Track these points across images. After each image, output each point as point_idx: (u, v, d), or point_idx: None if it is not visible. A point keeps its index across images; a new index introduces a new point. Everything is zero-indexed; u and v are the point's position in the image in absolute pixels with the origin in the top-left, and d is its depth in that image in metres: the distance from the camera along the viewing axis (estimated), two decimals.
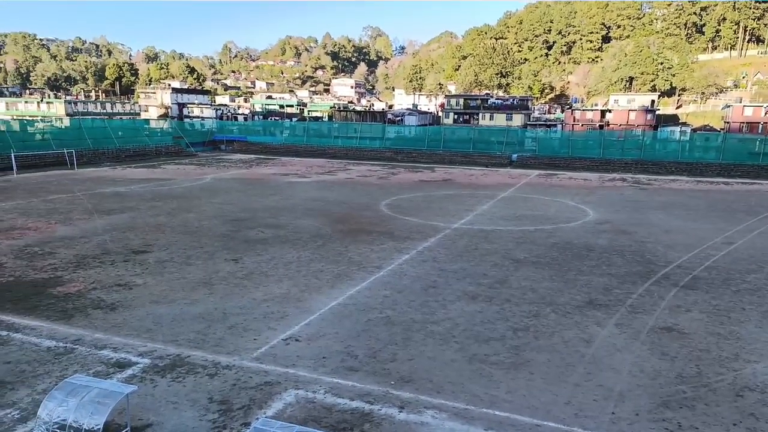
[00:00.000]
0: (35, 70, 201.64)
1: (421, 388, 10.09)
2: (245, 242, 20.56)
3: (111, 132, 55.01)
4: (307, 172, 45.04)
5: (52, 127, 56.55)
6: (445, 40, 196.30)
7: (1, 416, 8.88)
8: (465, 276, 17.02)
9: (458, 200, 31.85)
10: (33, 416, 8.47)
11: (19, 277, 15.95)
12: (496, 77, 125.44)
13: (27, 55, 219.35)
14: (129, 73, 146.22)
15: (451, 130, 68.42)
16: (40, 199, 28.79)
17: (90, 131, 52.94)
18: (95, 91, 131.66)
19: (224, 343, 11.81)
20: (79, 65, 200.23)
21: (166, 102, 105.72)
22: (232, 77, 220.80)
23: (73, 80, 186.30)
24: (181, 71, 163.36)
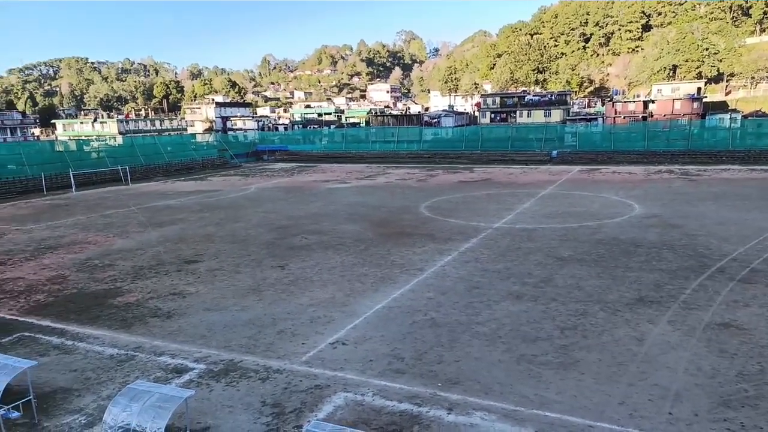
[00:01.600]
0: (88, 92, 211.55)
1: (468, 390, 10.00)
2: (290, 249, 20.91)
3: (160, 148, 57.06)
4: (346, 177, 45.44)
5: (107, 146, 59.12)
6: (478, 40, 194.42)
7: (69, 422, 9.34)
8: (509, 276, 16.78)
9: (498, 199, 31.44)
10: (99, 421, 8.86)
11: (82, 288, 16.73)
12: (532, 73, 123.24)
13: (80, 78, 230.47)
14: (175, 91, 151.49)
15: (488, 130, 67.68)
16: (98, 214, 30.13)
17: (141, 148, 55.08)
18: (145, 109, 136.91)
19: (274, 348, 12.04)
20: (129, 85, 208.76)
21: (210, 116, 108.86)
22: (271, 89, 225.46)
23: (124, 100, 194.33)
24: (224, 86, 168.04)
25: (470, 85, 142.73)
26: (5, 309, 15.02)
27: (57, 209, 32.58)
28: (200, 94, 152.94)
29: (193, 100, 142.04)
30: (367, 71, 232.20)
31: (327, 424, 7.83)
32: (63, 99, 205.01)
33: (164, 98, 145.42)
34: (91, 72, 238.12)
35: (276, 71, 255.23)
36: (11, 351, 11.73)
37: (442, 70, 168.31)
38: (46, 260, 20.23)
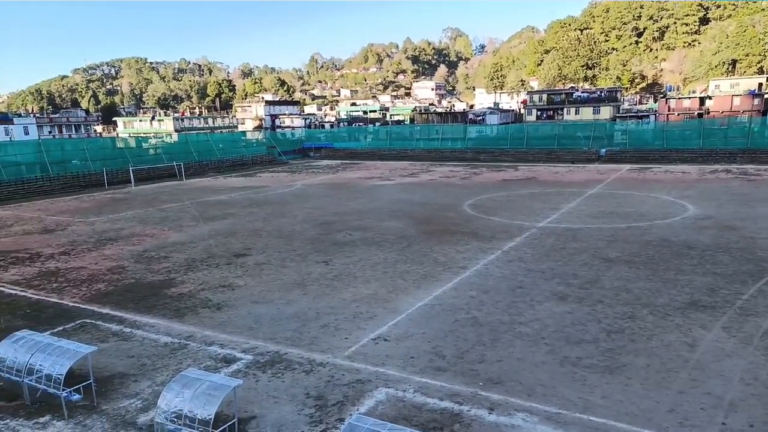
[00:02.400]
0: (147, 91, 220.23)
1: (510, 390, 9.85)
2: (334, 245, 21.15)
3: (213, 145, 58.79)
4: (390, 175, 45.51)
5: (163, 143, 61.41)
6: (526, 36, 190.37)
7: (126, 405, 9.78)
8: (553, 276, 16.40)
9: (543, 198, 30.75)
10: (153, 406, 9.24)
11: (139, 279, 17.47)
12: (581, 70, 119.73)
13: (140, 77, 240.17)
14: (227, 89, 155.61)
15: (534, 127, 66.24)
16: (155, 208, 31.36)
17: (195, 145, 56.91)
18: (199, 107, 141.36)
19: (318, 342, 12.22)
20: (185, 84, 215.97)
21: (260, 114, 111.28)
22: (318, 87, 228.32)
23: (180, 98, 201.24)
24: (273, 84, 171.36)
25: (516, 82, 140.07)
26: (69, 296, 15.87)
27: (117, 203, 34.11)
28: (251, 92, 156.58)
29: (244, 98, 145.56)
30: (413, 69, 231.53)
31: (369, 419, 7.88)
32: (123, 97, 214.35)
33: (217, 97, 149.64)
34: (150, 72, 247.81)
35: (323, 70, 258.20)
36: (74, 336, 12.38)
37: (487, 66, 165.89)
38: (106, 251, 21.22)
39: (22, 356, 9.96)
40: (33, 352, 9.95)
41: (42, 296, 15.95)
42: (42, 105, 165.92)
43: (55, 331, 12.89)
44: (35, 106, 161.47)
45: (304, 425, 8.98)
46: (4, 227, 26.90)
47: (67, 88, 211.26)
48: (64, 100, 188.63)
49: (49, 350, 9.97)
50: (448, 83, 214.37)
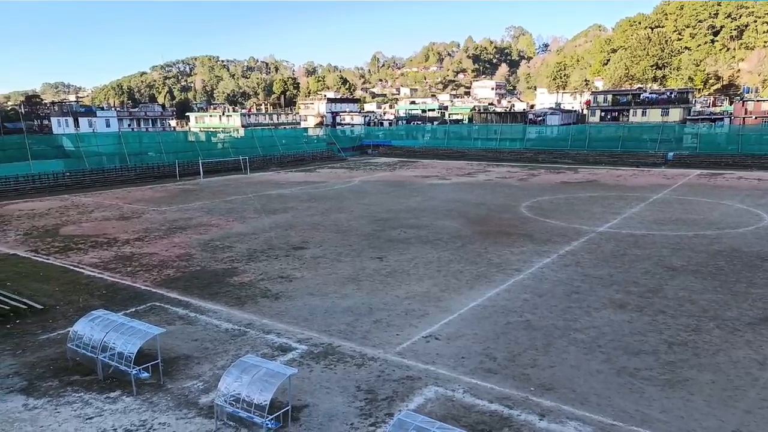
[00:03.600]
0: (218, 88, 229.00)
1: (563, 397, 9.55)
2: (389, 241, 21.22)
3: (276, 140, 60.40)
4: (447, 174, 45.14)
5: (231, 138, 63.72)
6: (593, 34, 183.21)
7: (189, 386, 10.24)
8: (612, 283, 15.75)
9: (604, 202, 29.56)
10: (214, 388, 9.62)
11: (205, 266, 18.23)
12: (650, 69, 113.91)
13: (211, 75, 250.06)
14: (292, 87, 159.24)
15: (597, 129, 63.70)
16: (221, 200, 32.61)
17: (260, 140, 58.68)
18: (264, 104, 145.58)
19: (370, 336, 12.31)
20: (252, 82, 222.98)
21: (321, 111, 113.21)
22: (379, 85, 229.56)
23: (247, 95, 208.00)
24: (335, 82, 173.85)
25: (580, 81, 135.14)
26: (141, 280, 16.79)
27: (187, 194, 35.73)
28: (314, 90, 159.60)
29: (308, 95, 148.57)
30: (473, 68, 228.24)
31: (418, 416, 7.87)
32: (196, 94, 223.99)
33: (282, 94, 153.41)
34: (221, 69, 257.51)
35: (384, 68, 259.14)
36: (144, 318, 13.09)
37: (550, 66, 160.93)
38: (176, 239, 22.28)
39: (97, 334, 10.63)
40: (107, 330, 10.60)
41: (117, 279, 16.95)
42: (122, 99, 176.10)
43: (128, 311, 13.67)
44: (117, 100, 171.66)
45: (354, 417, 9.08)
46: (86, 213, 28.79)
47: (146, 84, 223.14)
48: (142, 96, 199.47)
49: (122, 330, 10.59)
50: (509, 83, 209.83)
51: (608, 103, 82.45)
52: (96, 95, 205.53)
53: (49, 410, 9.42)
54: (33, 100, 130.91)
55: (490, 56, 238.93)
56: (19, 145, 41.62)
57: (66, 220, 26.68)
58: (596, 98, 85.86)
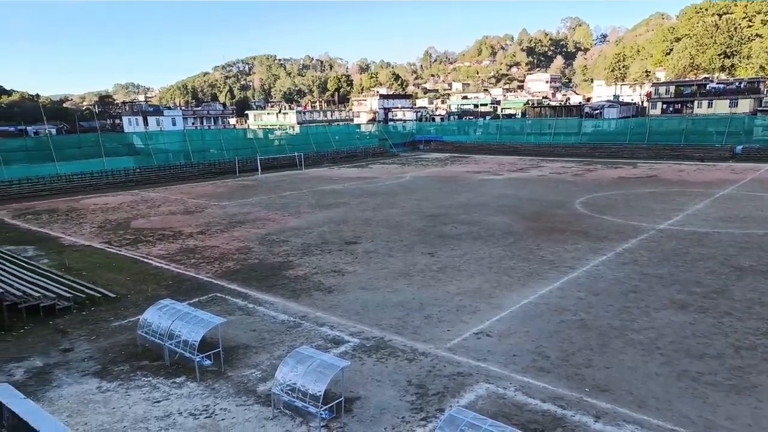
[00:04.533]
0: (275, 86, 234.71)
1: (619, 400, 9.21)
2: (440, 237, 21.09)
3: (330, 137, 61.29)
4: (498, 169, 44.31)
5: (287, 134, 65.15)
6: (654, 23, 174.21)
7: (248, 374, 10.60)
8: (672, 282, 15.00)
9: (665, 198, 28.14)
10: (270, 377, 9.92)
11: (262, 260, 18.78)
12: (717, 59, 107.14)
13: (269, 73, 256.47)
14: (345, 84, 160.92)
15: (658, 122, 60.62)
16: (277, 195, 33.46)
17: (314, 136, 59.73)
18: (319, 101, 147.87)
19: (421, 331, 12.31)
20: (307, 80, 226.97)
21: (374, 107, 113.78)
22: (431, 81, 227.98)
23: (303, 93, 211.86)
24: (388, 79, 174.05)
25: (640, 73, 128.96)
26: (203, 272, 17.50)
27: (245, 189, 36.88)
28: (367, 86, 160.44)
29: (360, 92, 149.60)
30: (527, 61, 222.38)
31: (469, 412, 7.81)
32: (255, 92, 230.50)
33: (336, 91, 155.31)
34: (278, 68, 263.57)
35: (437, 63, 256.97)
36: (206, 308, 13.64)
37: (608, 57, 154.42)
38: (236, 233, 23.06)
39: (164, 322, 11.18)
40: (174, 319, 11.13)
41: (182, 270, 17.75)
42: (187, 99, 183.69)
43: (192, 301, 14.28)
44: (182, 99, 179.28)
45: (405, 411, 9.12)
46: (154, 207, 30.28)
47: (208, 83, 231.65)
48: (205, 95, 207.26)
49: (186, 318, 11.09)
50: (564, 75, 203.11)
51: (670, 95, 78.30)
52: (163, 95, 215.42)
53: (120, 393, 10.00)
54: (106, 100, 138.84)
55: (544, 48, 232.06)
56: (93, 143, 44.29)
57: (136, 214, 28.17)
58: (657, 89, 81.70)
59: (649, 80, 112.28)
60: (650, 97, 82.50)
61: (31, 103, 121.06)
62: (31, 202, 32.75)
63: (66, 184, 38.30)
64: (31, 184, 36.99)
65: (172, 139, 50.84)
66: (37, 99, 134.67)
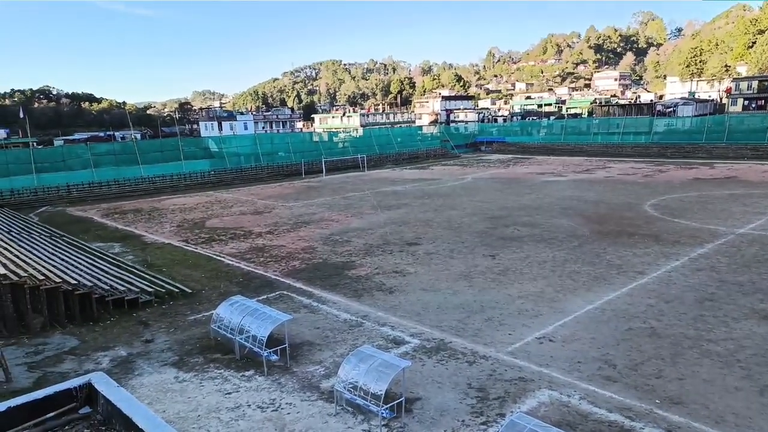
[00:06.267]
0: (340, 90, 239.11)
1: (693, 414, 8.63)
2: (501, 239, 20.65)
3: (392, 138, 61.59)
4: (563, 170, 42.77)
5: (350, 137, 66.16)
6: (735, 15, 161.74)
7: (312, 371, 10.85)
8: (754, 291, 13.87)
9: (746, 201, 26.07)
10: (333, 374, 10.10)
11: (326, 259, 19.17)
12: None
13: (335, 78, 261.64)
14: (408, 86, 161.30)
15: (738, 119, 56.28)
16: (341, 196, 34.04)
17: (377, 138, 60.25)
18: (382, 104, 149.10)
19: (481, 334, 12.10)
20: (371, 83, 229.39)
21: (436, 109, 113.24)
22: (494, 81, 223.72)
23: (366, 96, 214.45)
24: (450, 80, 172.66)
25: (719, 68, 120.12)
26: (271, 270, 18.09)
27: (311, 190, 37.80)
28: (429, 88, 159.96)
29: (423, 94, 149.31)
30: (594, 59, 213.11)
31: (531, 419, 7.58)
32: (321, 96, 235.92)
33: (398, 93, 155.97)
34: (343, 72, 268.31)
35: (500, 63, 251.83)
36: (274, 305, 14.08)
37: (684, 52, 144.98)
38: (301, 233, 23.68)
39: (235, 318, 11.66)
40: (244, 315, 11.58)
41: (251, 268, 18.45)
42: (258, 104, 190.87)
43: (260, 298, 14.82)
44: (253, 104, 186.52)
45: (465, 414, 9.00)
46: (227, 208, 31.68)
47: (277, 89, 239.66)
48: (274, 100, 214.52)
49: (255, 315, 11.51)
50: (635, 72, 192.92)
51: (753, 90, 72.47)
52: (236, 101, 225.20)
53: (195, 383, 10.54)
54: (185, 106, 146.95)
55: (614, 45, 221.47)
56: (174, 147, 46.95)
57: (210, 214, 29.59)
58: (738, 85, 75.88)
59: (729, 75, 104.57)
60: (730, 93, 76.77)
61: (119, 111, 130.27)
62: (119, 203, 35.21)
63: (149, 185, 40.86)
64: (119, 185, 39.76)
65: (244, 143, 52.94)
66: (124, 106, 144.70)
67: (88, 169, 40.30)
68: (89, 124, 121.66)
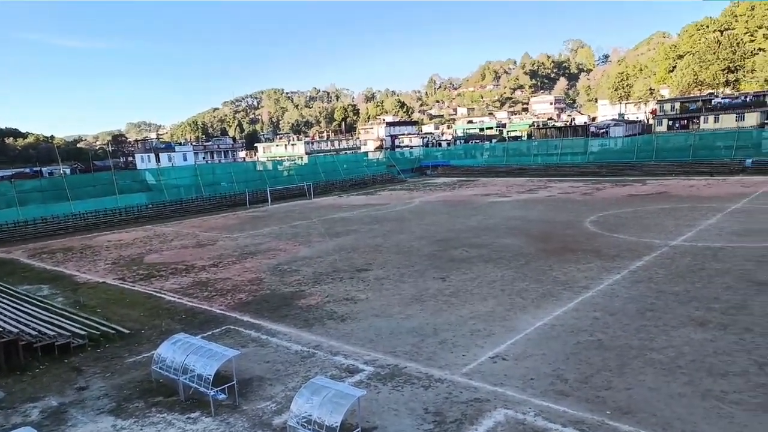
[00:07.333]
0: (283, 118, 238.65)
1: (643, 422, 8.96)
2: (451, 261, 20.99)
3: (338, 165, 61.81)
4: (507, 191, 44.29)
5: (295, 165, 65.85)
6: (656, 42, 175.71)
7: (263, 407, 10.48)
8: (690, 299, 14.73)
9: (676, 214, 27.88)
10: (286, 409, 9.80)
11: (274, 290, 18.77)
12: (721, 74, 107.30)
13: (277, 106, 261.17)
14: (352, 113, 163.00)
15: (664, 138, 60.63)
16: (288, 225, 33.62)
17: (323, 166, 60.28)
18: (326, 131, 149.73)
19: (436, 357, 12.15)
20: (315, 111, 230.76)
21: (381, 135, 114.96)
22: (436, 107, 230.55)
23: (310, 123, 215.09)
24: (393, 106, 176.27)
25: (644, 91, 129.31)
26: (216, 304, 17.50)
27: (256, 220, 37.12)
28: (373, 115, 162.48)
29: (367, 121, 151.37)
30: (530, 84, 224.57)
31: None
32: (263, 125, 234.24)
33: (343, 120, 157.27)
34: (286, 101, 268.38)
35: (441, 90, 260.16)
36: (220, 341, 13.59)
37: (612, 77, 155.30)
38: (247, 264, 23.12)
39: (179, 356, 11.14)
40: (188, 353, 11.09)
41: (195, 303, 17.77)
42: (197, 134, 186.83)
43: (205, 335, 14.25)
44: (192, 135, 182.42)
45: None
46: (166, 242, 30.52)
47: (218, 118, 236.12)
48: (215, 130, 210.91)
49: (200, 352, 11.04)
50: (568, 96, 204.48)
51: (676, 111, 78.42)
52: (174, 131, 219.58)
53: (135, 430, 9.92)
54: (119, 138, 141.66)
55: (547, 71, 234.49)
56: (107, 180, 45.00)
57: (149, 249, 28.40)
58: (663, 106, 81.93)
59: (653, 98, 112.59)
60: (656, 115, 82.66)
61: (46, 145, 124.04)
62: (47, 241, 33.19)
63: (80, 221, 38.80)
64: (46, 223, 37.51)
65: (184, 174, 51.53)
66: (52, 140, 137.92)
67: (13, 208, 37.86)
68: (13, 161, 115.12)
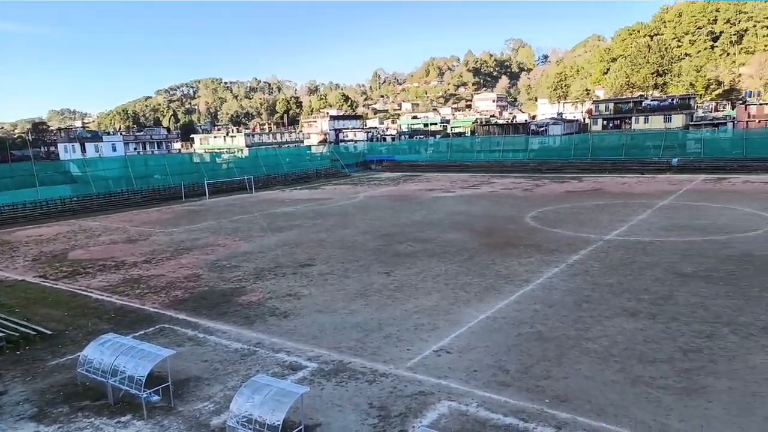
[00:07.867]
0: (221, 109, 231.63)
1: (578, 409, 9.40)
2: (395, 256, 21.16)
3: (280, 159, 60.78)
4: (451, 187, 45.15)
5: (235, 158, 64.15)
6: (591, 44, 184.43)
7: (200, 408, 10.15)
8: (622, 291, 15.60)
9: (610, 210, 29.42)
10: (225, 409, 9.53)
11: (213, 287, 18.21)
12: (650, 77, 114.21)
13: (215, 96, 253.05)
14: (295, 106, 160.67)
15: (599, 137, 63.80)
16: (227, 220, 32.70)
17: (264, 159, 59.03)
18: (268, 123, 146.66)
19: (380, 352, 12.20)
20: (255, 102, 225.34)
21: (324, 129, 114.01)
22: (381, 101, 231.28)
23: (251, 115, 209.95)
24: (337, 100, 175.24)
25: (581, 91, 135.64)
26: (149, 302, 16.77)
27: (193, 214, 35.86)
28: (316, 108, 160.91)
29: (310, 114, 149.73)
30: (474, 81, 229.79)
31: (432, 431, 7.75)
32: (200, 116, 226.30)
33: (285, 113, 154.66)
34: (224, 91, 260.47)
35: (386, 85, 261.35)
36: (153, 340, 13.04)
37: (551, 77, 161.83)
38: (183, 260, 22.30)
39: (107, 358, 10.59)
40: (117, 354, 10.56)
41: (125, 302, 16.95)
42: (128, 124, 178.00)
43: (137, 334, 13.63)
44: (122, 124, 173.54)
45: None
46: (93, 237, 28.91)
47: (151, 108, 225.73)
48: (147, 119, 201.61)
49: (132, 353, 10.54)
50: (510, 95, 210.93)
51: (610, 112, 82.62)
52: (102, 120, 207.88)
53: None
54: (40, 127, 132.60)
55: (490, 69, 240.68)
56: (26, 172, 42.07)
57: (74, 245, 26.79)
58: (598, 107, 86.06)
59: (589, 98, 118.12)
60: (591, 114, 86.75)
61: None
62: None
63: None
64: None
65: (113, 166, 49.00)
66: None
67: None
68: None
